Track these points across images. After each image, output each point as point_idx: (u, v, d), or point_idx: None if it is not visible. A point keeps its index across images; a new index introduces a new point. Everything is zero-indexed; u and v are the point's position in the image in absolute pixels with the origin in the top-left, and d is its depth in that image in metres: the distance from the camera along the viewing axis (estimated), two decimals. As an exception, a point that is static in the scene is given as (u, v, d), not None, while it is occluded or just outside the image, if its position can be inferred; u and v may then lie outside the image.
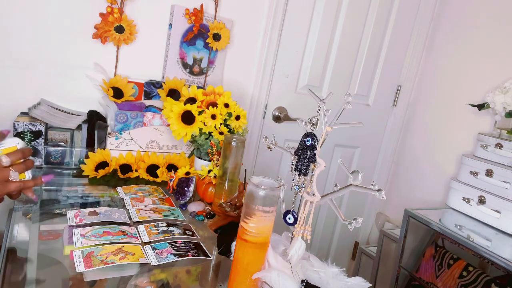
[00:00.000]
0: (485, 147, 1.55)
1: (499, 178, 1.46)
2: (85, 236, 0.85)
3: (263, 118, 1.75)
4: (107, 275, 0.76)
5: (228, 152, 1.10)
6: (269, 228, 0.71)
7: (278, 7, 1.60)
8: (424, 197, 1.96)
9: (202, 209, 1.12)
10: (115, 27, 1.30)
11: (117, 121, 1.25)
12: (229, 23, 1.50)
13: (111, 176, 1.22)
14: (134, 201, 1.09)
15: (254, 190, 0.68)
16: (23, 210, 0.96)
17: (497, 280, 1.28)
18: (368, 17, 1.85)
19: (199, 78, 1.51)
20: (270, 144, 0.83)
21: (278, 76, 1.73)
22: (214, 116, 1.25)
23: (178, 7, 1.39)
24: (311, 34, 1.75)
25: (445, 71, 1.93)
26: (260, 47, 1.64)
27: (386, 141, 2.13)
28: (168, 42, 1.42)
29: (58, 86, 1.32)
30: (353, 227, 0.70)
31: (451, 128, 1.87)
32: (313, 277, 0.73)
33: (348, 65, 1.89)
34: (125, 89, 1.34)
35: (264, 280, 0.70)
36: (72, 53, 1.31)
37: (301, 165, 0.74)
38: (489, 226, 1.49)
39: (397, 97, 2.07)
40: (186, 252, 0.86)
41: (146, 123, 1.31)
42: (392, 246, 1.80)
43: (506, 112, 1.53)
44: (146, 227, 0.94)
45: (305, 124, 0.75)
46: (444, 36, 1.95)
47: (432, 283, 1.48)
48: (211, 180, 1.20)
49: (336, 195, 0.73)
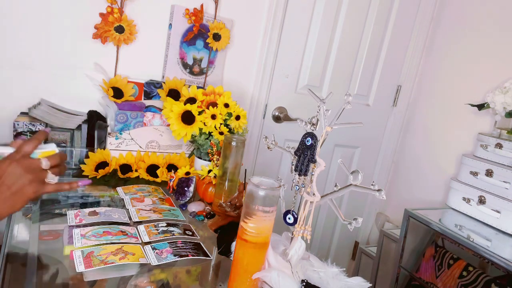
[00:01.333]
0: (485, 147, 1.55)
1: (499, 178, 1.46)
2: (85, 236, 0.85)
3: (263, 118, 1.75)
4: (107, 275, 0.76)
5: (228, 152, 1.10)
6: (269, 228, 0.71)
7: (278, 7, 1.60)
8: (424, 197, 1.96)
9: (202, 209, 1.12)
10: (115, 27, 1.30)
11: (117, 121, 1.25)
12: (229, 23, 1.50)
13: (111, 176, 1.22)
14: (134, 201, 1.09)
15: (254, 190, 0.68)
16: (23, 210, 0.96)
17: (497, 280, 1.28)
18: (368, 17, 1.85)
19: (199, 78, 1.51)
20: (270, 144, 0.83)
21: (278, 76, 1.73)
22: (214, 116, 1.25)
23: (178, 7, 1.39)
24: (311, 34, 1.75)
25: (445, 71, 1.93)
26: (260, 47, 1.64)
27: (386, 141, 2.13)
28: (168, 42, 1.42)
29: (58, 86, 1.32)
30: (353, 227, 0.70)
31: (451, 128, 1.87)
32: (313, 277, 0.73)
33: (348, 65, 1.89)
34: (125, 89, 1.34)
35: (264, 280, 0.70)
36: (72, 53, 1.31)
37: (301, 165, 0.74)
38: (489, 226, 1.49)
39: (397, 97, 2.07)
40: (186, 252, 0.86)
41: (146, 123, 1.31)
42: (392, 246, 1.80)
43: (506, 112, 1.53)
44: (146, 227, 0.94)
45: (305, 124, 0.75)
46: (444, 36, 1.95)
47: (432, 283, 1.48)
48: (211, 180, 1.20)
49: (336, 195, 0.73)
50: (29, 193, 0.66)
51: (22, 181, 0.64)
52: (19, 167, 0.64)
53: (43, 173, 0.68)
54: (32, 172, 0.66)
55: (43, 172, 0.68)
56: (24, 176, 0.64)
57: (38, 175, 0.67)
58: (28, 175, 0.65)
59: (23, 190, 0.65)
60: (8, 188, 0.63)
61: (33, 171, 0.66)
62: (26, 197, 0.66)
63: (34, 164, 0.67)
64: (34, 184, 0.66)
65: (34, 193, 0.66)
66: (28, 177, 0.65)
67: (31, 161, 0.67)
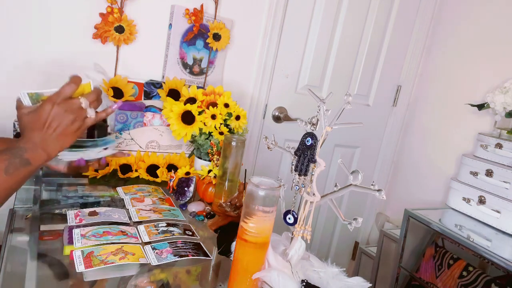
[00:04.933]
0: (485, 147, 1.55)
1: (499, 178, 1.46)
2: (85, 236, 0.85)
3: (263, 118, 1.75)
4: (107, 275, 0.76)
5: (228, 152, 1.10)
6: (269, 228, 0.71)
7: (278, 7, 1.60)
8: (424, 197, 1.96)
9: (202, 209, 1.12)
10: (115, 27, 1.30)
11: (117, 121, 1.25)
12: (229, 23, 1.50)
13: (111, 176, 1.22)
14: (134, 201, 1.09)
15: (254, 190, 0.68)
16: (23, 210, 0.96)
17: (497, 280, 1.28)
18: (368, 17, 1.85)
19: (199, 78, 1.51)
20: (270, 144, 0.83)
21: (278, 76, 1.73)
22: (214, 116, 1.25)
23: (178, 7, 1.38)
24: (311, 34, 1.75)
25: (445, 71, 1.93)
26: (260, 47, 1.64)
27: (386, 141, 2.13)
28: (168, 42, 1.42)
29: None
30: (353, 227, 0.70)
31: (451, 128, 1.87)
32: (313, 277, 0.73)
33: (348, 65, 1.89)
34: (125, 89, 1.33)
35: (264, 280, 0.70)
36: (72, 53, 1.31)
37: (301, 165, 0.74)
38: (489, 226, 1.49)
39: (397, 97, 2.07)
40: (186, 252, 0.86)
41: (146, 123, 1.31)
42: (392, 246, 1.80)
43: (506, 112, 1.53)
44: (146, 227, 0.94)
45: (305, 124, 0.75)
46: (444, 36, 1.95)
47: (432, 283, 1.48)
48: (211, 180, 1.20)
49: (336, 195, 0.73)
50: (73, 131, 0.74)
51: (65, 121, 0.72)
52: (61, 109, 0.72)
53: (83, 111, 0.75)
54: (73, 112, 0.73)
55: (83, 110, 0.75)
56: (67, 117, 0.72)
57: (79, 114, 0.75)
58: (70, 115, 0.73)
59: (68, 129, 0.73)
60: (54, 130, 0.71)
61: (74, 111, 0.74)
62: (71, 135, 0.74)
63: (74, 104, 0.74)
64: (76, 123, 0.74)
65: (77, 129, 0.75)
66: (70, 117, 0.73)
67: (72, 102, 0.74)
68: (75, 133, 0.75)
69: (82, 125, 0.76)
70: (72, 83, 0.76)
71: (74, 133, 0.75)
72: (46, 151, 0.72)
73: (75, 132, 0.75)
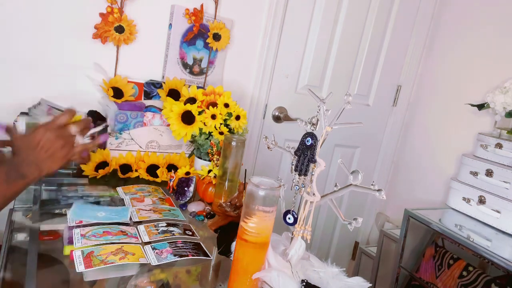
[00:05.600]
0: (485, 147, 1.55)
1: (499, 178, 1.46)
2: (85, 236, 0.85)
3: (263, 118, 1.75)
4: (107, 275, 0.76)
5: (228, 152, 1.10)
6: (269, 228, 0.71)
7: (278, 7, 1.60)
8: (424, 197, 1.96)
9: (202, 209, 1.12)
10: (115, 27, 1.30)
11: (117, 121, 1.25)
12: (229, 23, 1.50)
13: (111, 176, 1.22)
14: (134, 201, 1.09)
15: (254, 190, 0.68)
16: (23, 210, 0.96)
17: (497, 280, 1.28)
18: (368, 17, 1.85)
19: (199, 78, 1.51)
20: (270, 144, 0.83)
21: (278, 76, 1.73)
22: (214, 116, 1.25)
23: (178, 7, 1.38)
24: (311, 34, 1.75)
25: (445, 71, 1.93)
26: (260, 47, 1.64)
27: (386, 141, 2.13)
28: (168, 42, 1.42)
29: (58, 86, 1.32)
30: (353, 227, 0.70)
31: (451, 128, 1.87)
32: (313, 277, 0.73)
33: (348, 65, 1.88)
34: (125, 89, 1.33)
35: (264, 280, 0.70)
36: (72, 53, 1.31)
37: (301, 165, 0.74)
38: (489, 226, 1.49)
39: (397, 97, 2.07)
40: (186, 252, 0.86)
41: (146, 123, 1.31)
42: (392, 246, 1.80)
43: (506, 112, 1.53)
44: (146, 227, 0.94)
45: (305, 124, 0.75)
46: (444, 36, 1.95)
47: (432, 283, 1.48)
48: (211, 180, 1.20)
49: (336, 195, 0.73)
50: (62, 155, 0.80)
51: (55, 146, 0.78)
52: (53, 134, 0.78)
53: (72, 138, 0.82)
54: (63, 138, 0.79)
55: (72, 137, 0.82)
56: (57, 142, 0.78)
57: (68, 140, 0.81)
58: (60, 141, 0.79)
59: (57, 154, 0.79)
60: (45, 152, 0.77)
61: (64, 138, 0.80)
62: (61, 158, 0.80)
63: (66, 132, 0.81)
64: (65, 148, 0.80)
65: (66, 154, 0.80)
66: (60, 142, 0.79)
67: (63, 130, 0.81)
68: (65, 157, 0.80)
69: (70, 151, 0.81)
70: (67, 114, 0.82)
71: (64, 157, 0.80)
72: (39, 168, 0.77)
73: (65, 157, 0.80)
